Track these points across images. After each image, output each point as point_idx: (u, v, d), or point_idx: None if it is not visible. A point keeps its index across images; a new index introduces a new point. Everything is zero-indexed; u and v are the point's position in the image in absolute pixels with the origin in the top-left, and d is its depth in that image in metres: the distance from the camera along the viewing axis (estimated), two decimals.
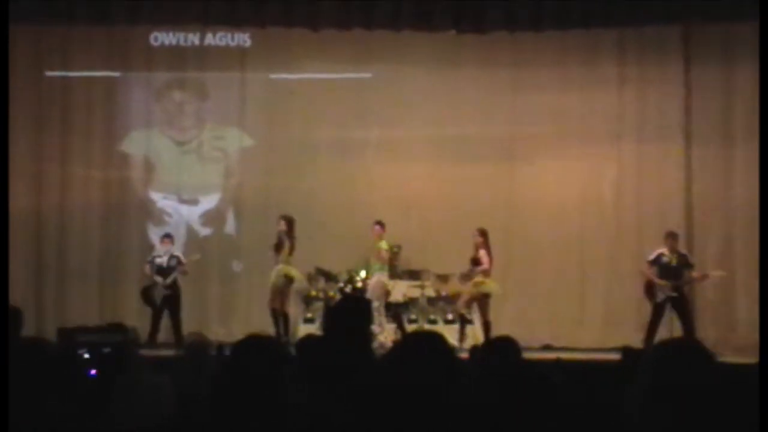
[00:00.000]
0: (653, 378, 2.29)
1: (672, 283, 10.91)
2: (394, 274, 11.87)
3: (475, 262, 11.15)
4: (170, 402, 4.30)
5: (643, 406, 2.27)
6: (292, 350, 3.82)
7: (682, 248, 11.35)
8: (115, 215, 12.98)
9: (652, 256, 11.12)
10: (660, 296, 10.96)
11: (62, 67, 12.79)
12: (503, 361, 3.42)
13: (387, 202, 12.55)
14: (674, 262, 11.00)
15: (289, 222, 11.34)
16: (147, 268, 11.77)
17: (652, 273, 11.05)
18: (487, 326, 11.04)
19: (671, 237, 11.15)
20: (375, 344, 10.70)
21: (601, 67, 12.87)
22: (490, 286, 11.20)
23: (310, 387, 3.13)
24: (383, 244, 11.45)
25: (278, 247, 11.27)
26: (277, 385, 2.67)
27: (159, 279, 11.60)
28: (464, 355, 7.42)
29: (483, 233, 11.21)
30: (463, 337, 11.02)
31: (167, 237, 12.00)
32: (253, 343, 2.82)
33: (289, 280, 11.31)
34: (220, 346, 6.18)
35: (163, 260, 11.71)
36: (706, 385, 2.26)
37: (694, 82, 12.65)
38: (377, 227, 11.49)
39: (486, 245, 11.23)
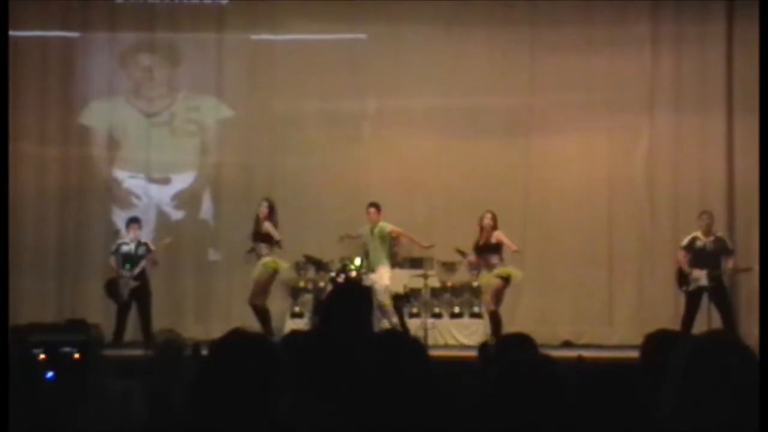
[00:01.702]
0: (682, 378, 2.31)
1: (707, 271, 10.96)
2: (394, 262, 11.91)
3: (485, 248, 11.15)
4: (139, 410, 4.33)
5: (672, 409, 2.29)
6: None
7: (721, 231, 11.36)
8: (75, 198, 13.00)
9: (686, 241, 11.19)
10: (692, 285, 11.02)
11: (12, 26, 12.72)
12: (516, 360, 3.45)
13: (386, 182, 12.56)
14: (710, 248, 11.05)
15: (273, 206, 11.37)
16: (112, 259, 11.79)
17: (685, 260, 11.10)
18: (496, 319, 11.01)
19: (706, 216, 11.19)
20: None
21: (632, 25, 12.86)
22: (514, 272, 11.19)
23: (299, 393, 3.11)
24: (386, 225, 11.45)
25: (261, 236, 11.29)
26: (268, 391, 2.66)
27: (126, 270, 11.63)
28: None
29: (495, 217, 11.22)
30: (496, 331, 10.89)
31: (134, 222, 12.01)
32: (237, 340, 2.80)
33: (274, 273, 11.35)
34: (196, 346, 6.20)
35: (130, 248, 11.72)
36: (742, 385, 2.28)
37: (738, 42, 12.63)
38: (372, 210, 11.51)
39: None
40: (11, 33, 12.57)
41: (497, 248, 11.17)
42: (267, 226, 11.28)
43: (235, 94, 13.22)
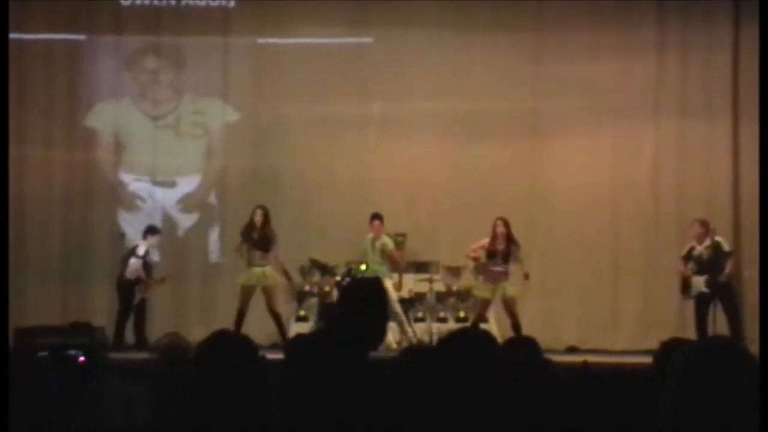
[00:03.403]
0: (681, 384, 2.31)
1: (706, 278, 10.99)
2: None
3: (492, 253, 11.12)
4: (144, 413, 4.32)
5: (674, 415, 2.29)
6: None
7: (720, 236, 11.33)
8: (80, 200, 13.00)
9: (685, 250, 11.27)
10: (693, 292, 11.08)
11: (17, 29, 12.75)
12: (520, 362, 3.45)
13: (391, 186, 12.57)
14: (706, 255, 11.09)
15: (267, 214, 11.40)
16: (137, 262, 11.73)
17: (685, 268, 11.15)
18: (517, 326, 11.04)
19: (697, 225, 11.23)
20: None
21: (638, 31, 12.85)
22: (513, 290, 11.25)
23: (302, 401, 3.06)
24: (389, 242, 11.45)
25: (256, 243, 11.27)
26: (252, 393, 2.66)
27: (149, 277, 11.73)
28: None
29: (508, 223, 11.21)
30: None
31: (156, 231, 12.04)
32: (216, 343, 2.79)
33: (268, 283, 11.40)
34: None
35: (150, 258, 11.80)
36: (742, 390, 2.28)
37: (745, 48, 12.62)
38: (377, 222, 11.49)
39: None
40: (17, 36, 12.61)
41: (507, 258, 11.17)
42: (269, 233, 11.28)
43: (241, 97, 13.23)
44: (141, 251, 11.75)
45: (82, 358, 6.22)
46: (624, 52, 12.85)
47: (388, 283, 11.26)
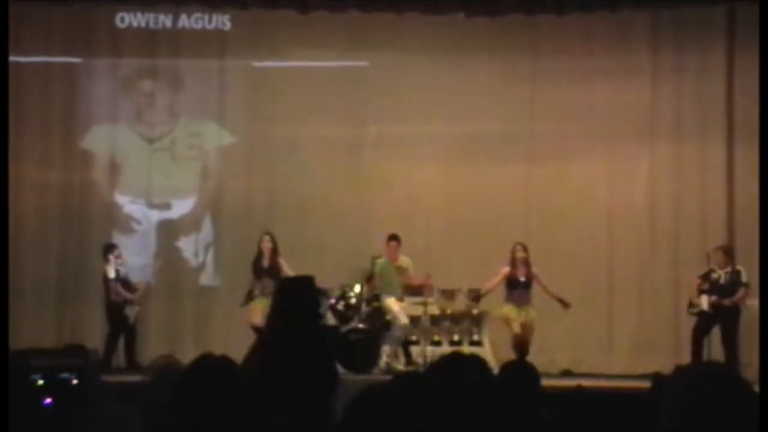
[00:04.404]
0: (674, 409, 2.31)
1: (716, 299, 10.99)
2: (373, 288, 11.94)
3: (513, 282, 11.08)
4: None
5: None
6: None
7: (741, 266, 11.35)
8: (75, 222, 13.00)
9: (703, 272, 11.27)
10: (695, 309, 11.11)
11: (14, 52, 12.77)
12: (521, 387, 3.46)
13: (386, 209, 12.58)
14: (725, 280, 11.13)
15: (274, 240, 11.36)
16: (116, 284, 11.75)
17: (696, 285, 11.19)
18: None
19: (720, 252, 11.28)
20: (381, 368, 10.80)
21: (632, 55, 12.91)
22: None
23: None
24: (405, 262, 11.39)
25: (266, 272, 11.22)
26: (234, 413, 2.70)
27: (128, 295, 11.70)
28: None
29: (526, 248, 11.19)
30: None
31: (114, 248, 12.02)
32: (203, 365, 2.83)
33: None
34: None
35: (126, 272, 11.80)
36: (736, 416, 2.27)
37: (739, 72, 12.68)
38: (393, 243, 11.36)
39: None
40: (15, 58, 12.63)
41: (529, 284, 11.13)
42: (281, 262, 11.24)
43: (237, 120, 13.25)
44: (111, 273, 11.75)
45: (75, 381, 6.20)
46: (618, 75, 12.91)
47: (397, 305, 11.21)
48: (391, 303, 11.31)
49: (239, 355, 3.15)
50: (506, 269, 11.15)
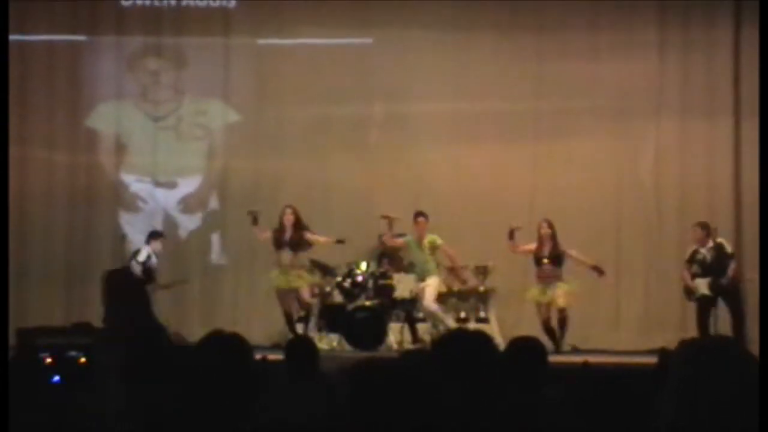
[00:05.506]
0: (679, 382, 2.32)
1: (709, 280, 10.97)
2: (400, 267, 11.93)
3: (540, 258, 11.09)
4: (141, 414, 4.33)
5: (673, 414, 2.30)
6: None
7: (722, 238, 11.32)
8: (81, 201, 13.02)
9: (688, 254, 11.23)
10: (697, 294, 11.08)
11: (18, 30, 12.78)
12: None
13: (392, 187, 12.57)
14: (710, 257, 11.06)
15: (298, 213, 11.31)
16: (136, 268, 11.64)
17: (688, 273, 11.13)
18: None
19: (698, 228, 11.19)
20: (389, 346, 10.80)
21: (639, 31, 12.85)
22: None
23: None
24: (437, 238, 11.34)
25: (287, 244, 11.19)
26: (242, 394, 2.71)
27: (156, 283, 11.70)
28: None
29: (552, 225, 11.19)
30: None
31: (159, 235, 11.91)
32: (210, 342, 2.85)
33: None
34: None
35: (152, 262, 11.66)
36: (739, 388, 2.28)
37: (746, 48, 12.62)
38: (421, 219, 11.26)
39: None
40: (18, 37, 12.63)
41: (559, 260, 11.11)
42: (307, 234, 11.21)
43: (242, 98, 13.24)
44: (142, 256, 11.66)
45: (82, 359, 6.23)
46: (625, 52, 12.86)
47: (434, 283, 11.19)
48: (430, 280, 11.18)
49: (245, 333, 3.15)
50: (532, 246, 11.17)
